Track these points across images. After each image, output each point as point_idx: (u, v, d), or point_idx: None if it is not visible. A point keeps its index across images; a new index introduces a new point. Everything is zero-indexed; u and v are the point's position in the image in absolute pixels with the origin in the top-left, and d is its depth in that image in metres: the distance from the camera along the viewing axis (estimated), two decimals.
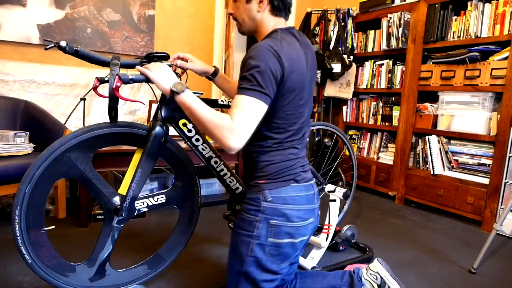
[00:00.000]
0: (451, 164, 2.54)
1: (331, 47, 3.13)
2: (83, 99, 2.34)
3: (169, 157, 1.34)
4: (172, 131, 1.44)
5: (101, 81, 1.15)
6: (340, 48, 3.11)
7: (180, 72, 1.36)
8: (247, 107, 0.97)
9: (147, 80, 1.13)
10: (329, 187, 1.81)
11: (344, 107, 3.38)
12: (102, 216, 2.15)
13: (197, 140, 1.30)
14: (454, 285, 1.60)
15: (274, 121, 1.08)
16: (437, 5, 2.56)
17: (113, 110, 1.16)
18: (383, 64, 3.01)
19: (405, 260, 1.82)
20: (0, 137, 1.91)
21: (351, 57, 3.14)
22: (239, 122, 0.96)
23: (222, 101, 1.41)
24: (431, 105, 2.68)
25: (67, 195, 2.52)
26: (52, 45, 1.19)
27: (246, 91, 0.98)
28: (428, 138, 2.62)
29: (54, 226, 2.01)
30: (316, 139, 3.30)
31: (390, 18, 2.87)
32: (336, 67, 3.07)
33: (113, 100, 1.12)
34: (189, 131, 1.28)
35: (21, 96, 2.46)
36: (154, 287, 1.45)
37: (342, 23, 3.16)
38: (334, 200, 1.78)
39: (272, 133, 1.10)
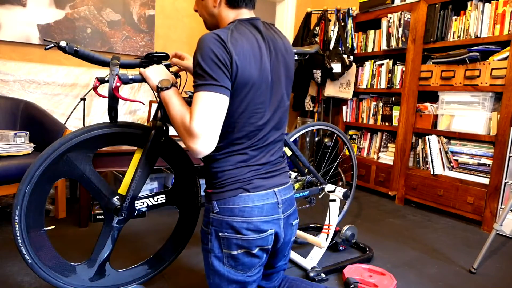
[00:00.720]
0: (451, 164, 2.54)
1: (331, 47, 3.13)
2: (83, 99, 2.35)
3: (169, 157, 1.34)
4: (172, 131, 1.44)
5: (101, 81, 1.15)
6: (340, 48, 3.11)
7: (176, 70, 1.35)
8: (203, 104, 0.90)
9: (145, 79, 1.13)
10: (329, 187, 1.81)
11: (344, 107, 3.38)
12: (102, 216, 2.15)
13: None
14: (454, 285, 1.60)
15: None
16: (437, 5, 2.55)
17: (113, 110, 1.16)
18: (383, 64, 3.01)
19: (405, 260, 1.82)
20: (0, 137, 1.91)
21: (351, 57, 3.14)
22: (196, 121, 0.89)
23: None
24: (431, 105, 2.68)
25: (67, 195, 2.52)
26: (52, 45, 1.19)
27: (200, 87, 0.92)
28: (428, 138, 2.62)
29: (54, 226, 2.01)
30: (316, 139, 3.30)
31: (390, 18, 2.87)
32: (336, 67, 3.07)
33: (113, 100, 1.12)
34: None
35: (21, 96, 2.46)
36: (154, 287, 1.45)
37: (342, 23, 3.16)
38: (334, 200, 1.78)
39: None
